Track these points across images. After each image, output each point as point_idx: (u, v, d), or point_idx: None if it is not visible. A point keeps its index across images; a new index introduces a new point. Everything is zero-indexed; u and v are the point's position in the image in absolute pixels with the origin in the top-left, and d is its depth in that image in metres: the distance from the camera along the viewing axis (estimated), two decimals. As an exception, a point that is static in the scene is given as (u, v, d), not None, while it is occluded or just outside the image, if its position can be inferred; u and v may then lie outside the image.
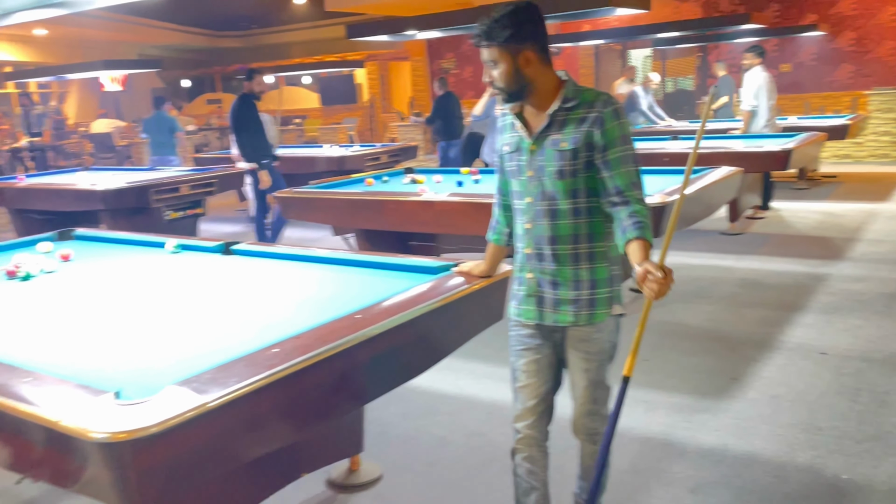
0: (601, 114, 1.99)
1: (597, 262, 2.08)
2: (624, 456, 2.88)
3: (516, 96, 2.07)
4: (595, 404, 2.17)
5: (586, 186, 2.03)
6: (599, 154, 2.00)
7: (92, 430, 1.53)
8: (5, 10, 3.46)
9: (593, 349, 2.11)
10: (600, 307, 2.08)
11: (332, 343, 1.97)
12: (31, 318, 2.55)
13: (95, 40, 16.04)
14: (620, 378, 2.04)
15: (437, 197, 4.64)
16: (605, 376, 2.16)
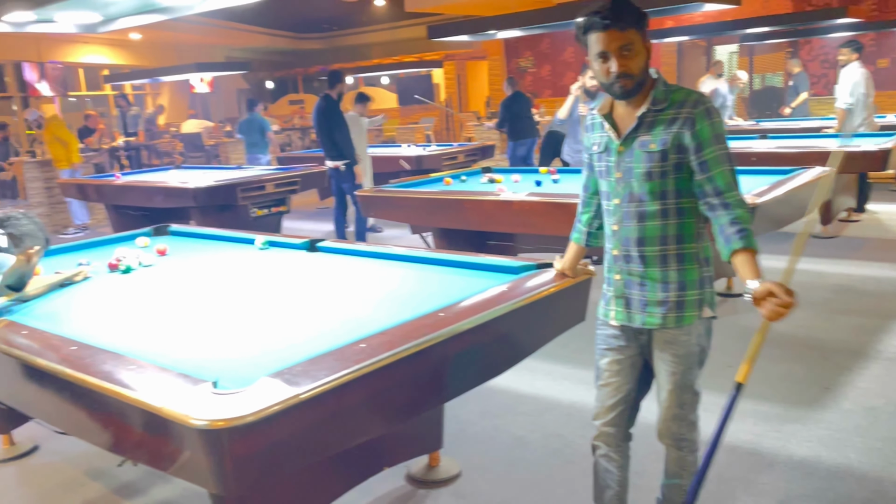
0: (692, 114, 1.94)
1: (686, 264, 2.03)
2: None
3: (640, 87, 1.97)
4: (681, 409, 2.12)
5: (676, 188, 1.99)
6: (693, 156, 1.95)
7: (192, 417, 1.60)
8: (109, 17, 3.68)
9: (681, 352, 2.06)
10: (689, 309, 2.04)
11: (417, 340, 2.00)
12: (133, 309, 2.69)
13: (186, 44, 16.73)
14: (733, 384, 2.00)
15: (515, 196, 4.63)
16: (693, 381, 2.11)
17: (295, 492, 2.27)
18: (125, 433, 1.93)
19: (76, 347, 2.09)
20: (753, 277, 1.88)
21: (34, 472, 3.19)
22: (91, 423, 2.05)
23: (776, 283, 1.85)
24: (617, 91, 1.97)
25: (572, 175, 5.86)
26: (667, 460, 2.23)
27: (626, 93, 1.97)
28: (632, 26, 1.91)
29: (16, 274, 2.67)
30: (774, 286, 1.84)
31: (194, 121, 14.04)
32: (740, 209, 1.94)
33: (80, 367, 1.93)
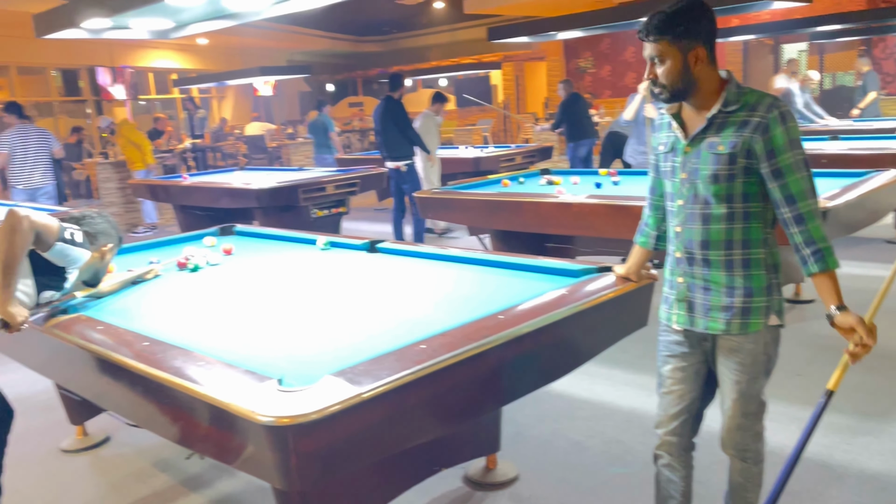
0: (764, 119, 1.88)
1: (753, 269, 1.98)
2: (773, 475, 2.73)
3: (679, 95, 1.99)
4: (745, 419, 2.06)
5: (744, 192, 1.94)
6: (765, 163, 1.89)
7: (259, 414, 1.64)
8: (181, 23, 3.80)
9: (746, 360, 2.01)
10: (755, 316, 1.98)
11: (477, 342, 2.00)
12: (201, 306, 2.77)
13: (250, 48, 17.17)
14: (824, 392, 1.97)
15: (575, 199, 4.59)
16: (759, 390, 2.05)
17: (354, 490, 2.30)
18: (193, 427, 1.99)
19: (148, 343, 2.17)
20: (834, 303, 1.88)
21: (105, 462, 3.32)
22: (161, 417, 2.12)
23: (860, 320, 1.84)
24: (658, 96, 2.01)
25: (633, 177, 5.78)
26: (731, 471, 2.17)
27: (664, 100, 2.01)
28: (663, 37, 1.92)
29: (91, 270, 2.78)
30: (858, 324, 1.84)
31: (257, 123, 14.39)
32: (814, 222, 1.89)
33: (152, 363, 2.00)
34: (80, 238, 2.67)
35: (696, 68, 1.94)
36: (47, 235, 2.51)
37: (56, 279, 2.64)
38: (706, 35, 1.93)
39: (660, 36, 1.92)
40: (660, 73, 1.97)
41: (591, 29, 6.94)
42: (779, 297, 2.02)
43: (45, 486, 3.12)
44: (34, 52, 13.71)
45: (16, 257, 2.39)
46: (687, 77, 1.94)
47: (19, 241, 2.39)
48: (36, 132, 7.63)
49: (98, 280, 2.86)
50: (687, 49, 1.93)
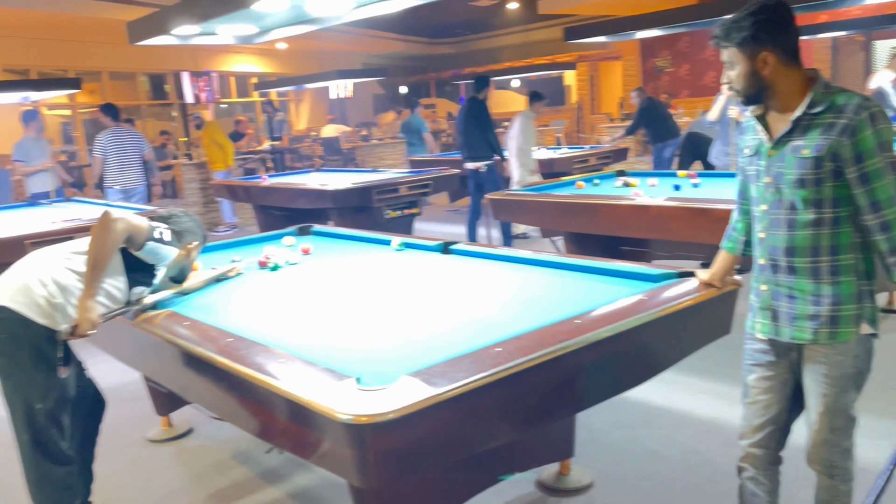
0: (852, 122, 1.80)
1: (842, 276, 1.89)
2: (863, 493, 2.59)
3: (753, 99, 1.98)
4: (833, 434, 1.97)
5: (833, 196, 1.86)
6: (852, 167, 1.81)
7: (338, 412, 1.66)
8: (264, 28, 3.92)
9: (834, 372, 1.92)
10: (844, 325, 1.89)
11: (553, 346, 1.98)
12: (280, 304, 2.84)
13: (327, 51, 17.54)
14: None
15: (653, 201, 4.49)
16: (848, 404, 1.95)
17: (428, 490, 2.31)
18: (273, 422, 2.04)
19: (232, 339, 2.24)
20: None
21: (188, 452, 3.45)
22: (243, 411, 2.18)
23: None
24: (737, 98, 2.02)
25: (714, 179, 5.61)
26: (817, 488, 2.08)
27: (742, 102, 2.01)
28: (730, 44, 1.92)
29: (177, 267, 2.90)
30: None
31: (333, 126, 14.68)
32: None
33: (235, 358, 2.07)
34: (168, 236, 2.78)
35: (766, 72, 1.91)
36: (138, 235, 2.63)
37: (146, 276, 2.76)
38: (775, 38, 1.89)
39: (726, 43, 1.94)
40: (732, 77, 1.97)
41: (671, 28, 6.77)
42: (871, 304, 1.93)
43: (133, 474, 3.27)
44: (125, 57, 14.38)
45: (106, 256, 2.51)
46: (757, 82, 1.93)
47: (110, 241, 2.51)
48: (129, 134, 7.93)
49: (184, 277, 2.97)
50: (753, 54, 1.91)
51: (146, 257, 2.70)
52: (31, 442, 2.48)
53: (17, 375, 2.45)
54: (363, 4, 3.63)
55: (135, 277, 2.71)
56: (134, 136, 7.97)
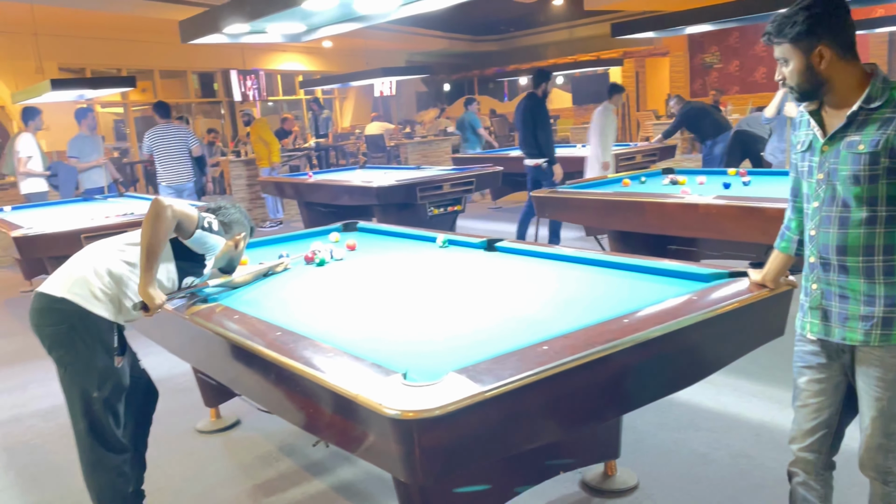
0: None
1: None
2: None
3: (809, 95, 1.93)
4: (888, 439, 1.90)
5: (888, 194, 1.81)
6: None
7: (386, 407, 1.67)
8: (312, 26, 3.96)
9: (889, 376, 1.86)
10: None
11: (601, 346, 1.95)
12: (327, 299, 2.87)
13: (371, 49, 17.66)
14: None
15: (702, 199, 4.41)
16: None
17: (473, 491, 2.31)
18: (321, 415, 2.06)
19: (280, 333, 2.27)
20: None
21: (236, 444, 3.51)
22: (291, 403, 2.21)
23: None
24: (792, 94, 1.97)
25: (765, 177, 5.49)
26: (871, 495, 2.01)
27: (796, 98, 1.96)
28: (782, 40, 1.88)
29: (226, 257, 2.95)
30: None
31: (377, 123, 14.75)
32: None
33: (284, 352, 2.09)
34: (216, 227, 2.82)
35: (823, 67, 1.86)
36: (188, 224, 2.67)
37: (196, 265, 2.81)
38: (831, 32, 1.84)
39: (779, 39, 1.90)
40: (786, 74, 1.93)
41: (721, 23, 6.62)
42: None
43: (184, 464, 3.34)
44: (175, 56, 14.71)
45: (159, 242, 2.55)
46: (813, 77, 1.88)
47: (162, 228, 2.54)
48: (175, 130, 8.08)
49: (233, 268, 3.03)
50: (808, 49, 1.86)
51: (195, 247, 2.74)
52: (88, 430, 2.55)
53: (75, 365, 2.53)
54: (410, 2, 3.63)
55: (184, 268, 2.76)
56: (180, 132, 8.08)
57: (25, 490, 3.18)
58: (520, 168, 10.19)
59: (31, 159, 7.64)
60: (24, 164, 7.61)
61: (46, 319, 2.53)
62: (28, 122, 7.68)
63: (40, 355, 2.61)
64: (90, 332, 2.52)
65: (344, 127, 19.10)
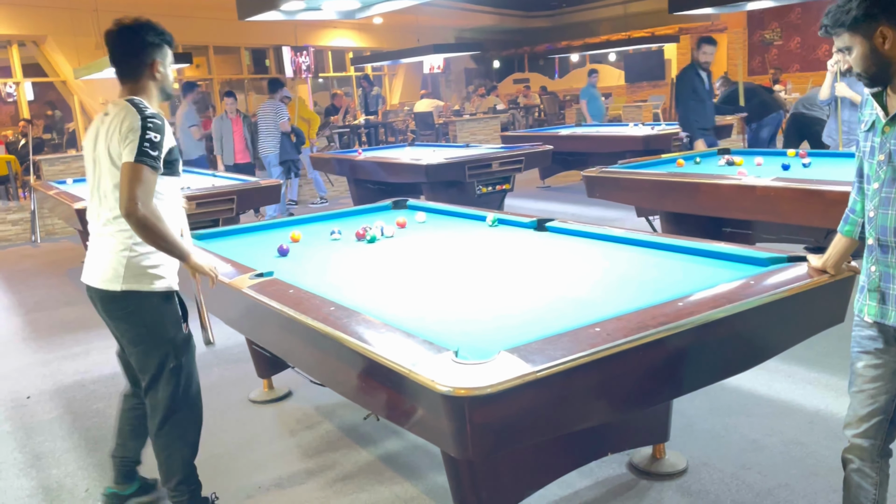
0: None
1: None
2: None
3: (878, 79, 1.87)
4: None
5: None
6: None
7: (438, 383, 1.69)
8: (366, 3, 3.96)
9: None
10: None
11: (655, 329, 1.93)
12: (378, 275, 2.91)
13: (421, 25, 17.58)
14: None
15: (759, 181, 4.29)
16: None
17: (521, 464, 2.33)
18: (373, 389, 2.09)
19: (334, 308, 2.31)
20: None
21: (287, 414, 3.60)
22: (342, 377, 2.25)
23: None
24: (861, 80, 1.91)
25: (826, 159, 5.31)
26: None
27: (866, 84, 1.90)
28: (841, 30, 1.84)
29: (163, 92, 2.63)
30: None
31: (427, 100, 14.75)
32: None
33: (337, 327, 2.13)
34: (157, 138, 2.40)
35: (887, 48, 1.80)
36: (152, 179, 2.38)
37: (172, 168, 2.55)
38: (888, 12, 1.79)
39: (837, 29, 1.85)
40: (852, 62, 1.88)
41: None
42: None
43: (235, 432, 3.44)
44: (229, 32, 14.91)
45: (166, 235, 2.40)
46: (878, 60, 1.82)
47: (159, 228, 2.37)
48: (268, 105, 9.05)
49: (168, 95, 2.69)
50: (869, 33, 1.81)
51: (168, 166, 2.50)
52: (170, 398, 2.59)
53: (148, 343, 2.56)
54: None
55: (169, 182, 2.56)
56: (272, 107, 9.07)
57: (87, 452, 3.32)
58: (568, 146, 10.06)
59: (194, 128, 8.58)
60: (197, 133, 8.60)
61: (109, 309, 2.57)
62: (187, 94, 8.73)
63: (101, 324, 2.70)
64: (155, 309, 2.55)
65: (393, 104, 19.13)
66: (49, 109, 14.68)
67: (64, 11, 12.34)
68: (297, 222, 4.19)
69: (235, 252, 3.36)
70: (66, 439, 3.47)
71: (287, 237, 3.62)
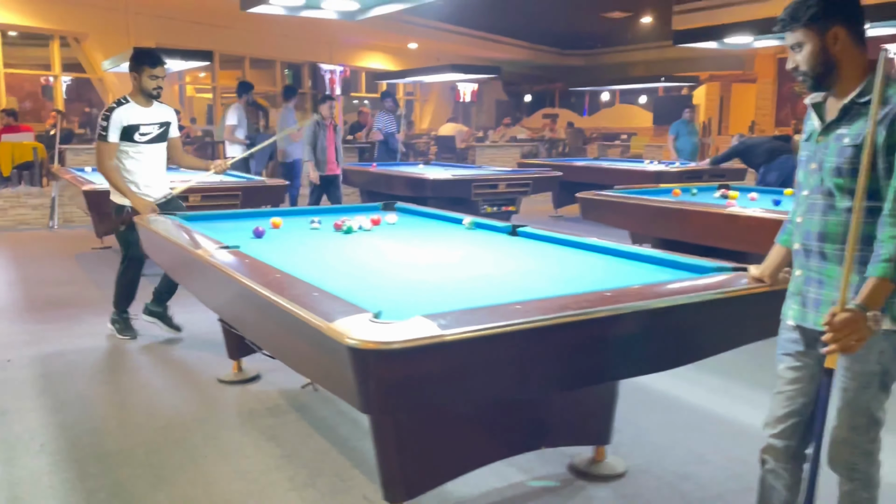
0: (892, 112, 1.75)
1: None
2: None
3: (821, 81, 1.91)
4: (853, 433, 1.87)
5: (869, 188, 1.80)
6: (883, 159, 1.77)
7: (348, 336, 1.75)
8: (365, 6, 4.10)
9: (855, 367, 1.83)
10: None
11: (573, 311, 1.98)
12: (341, 258, 3.00)
13: (454, 54, 17.89)
14: None
15: (743, 211, 4.33)
16: (870, 404, 1.85)
17: (449, 445, 2.37)
18: (300, 350, 2.16)
19: (280, 275, 2.39)
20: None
21: (250, 395, 3.67)
22: (278, 340, 2.33)
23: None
24: (802, 84, 1.95)
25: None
26: (839, 493, 1.96)
27: (808, 88, 1.94)
28: (797, 24, 1.87)
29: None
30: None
31: (450, 124, 14.94)
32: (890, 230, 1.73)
33: (274, 289, 2.20)
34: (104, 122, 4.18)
35: (836, 49, 1.86)
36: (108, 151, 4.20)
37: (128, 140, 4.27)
38: (846, 14, 1.86)
39: (793, 24, 1.90)
40: (799, 60, 1.92)
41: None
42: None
43: (198, 407, 3.52)
44: (266, 45, 15.32)
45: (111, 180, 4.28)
46: (827, 60, 1.87)
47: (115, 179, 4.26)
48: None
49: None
50: (823, 30, 1.86)
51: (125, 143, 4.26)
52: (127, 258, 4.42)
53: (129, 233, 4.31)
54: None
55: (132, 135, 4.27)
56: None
57: (52, 412, 3.42)
58: (583, 177, 10.07)
59: (237, 128, 8.61)
60: (229, 132, 8.65)
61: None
62: (242, 94, 8.84)
63: (93, 303, 2.82)
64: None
65: (422, 128, 19.37)
66: (87, 106, 15.13)
67: (105, 11, 12.82)
68: (285, 213, 4.31)
69: (217, 231, 3.48)
70: (34, 399, 3.57)
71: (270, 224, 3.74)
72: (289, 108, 8.97)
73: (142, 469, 2.86)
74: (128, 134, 4.17)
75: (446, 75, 9.72)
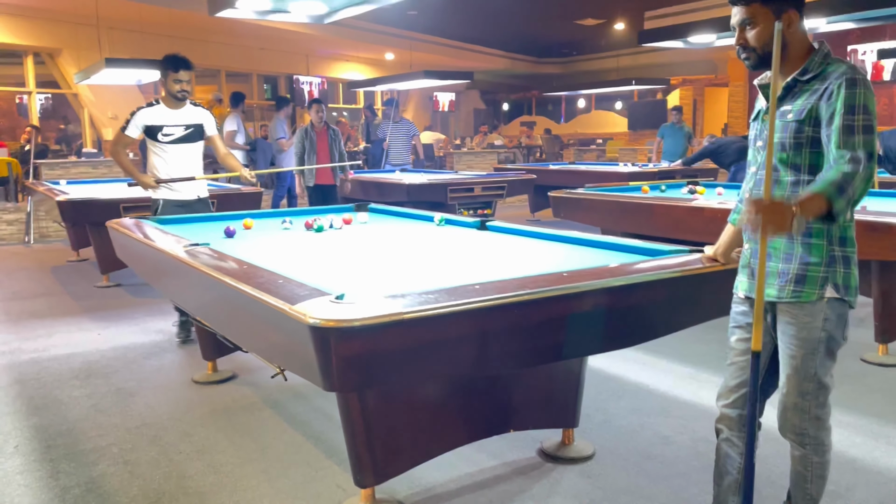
0: (832, 86, 1.83)
1: (813, 238, 1.90)
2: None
3: (767, 59, 1.94)
4: (802, 399, 1.94)
5: (810, 163, 1.89)
6: (825, 129, 1.84)
7: (309, 315, 1.81)
8: (333, 8, 4.16)
9: (801, 334, 1.91)
10: (810, 286, 1.89)
11: (530, 290, 2.05)
12: (309, 253, 3.05)
13: (432, 64, 17.98)
14: None
15: (707, 203, 4.42)
16: (816, 369, 1.92)
17: (418, 428, 2.42)
18: (264, 334, 2.21)
19: (247, 266, 2.44)
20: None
21: (224, 394, 3.69)
22: (247, 329, 2.37)
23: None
24: (745, 64, 1.98)
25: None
26: (791, 460, 2.04)
27: (751, 65, 1.97)
28: (758, 1, 1.89)
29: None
30: None
31: (428, 133, 15.05)
32: (848, 166, 1.74)
33: (240, 279, 2.26)
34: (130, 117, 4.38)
35: (789, 31, 1.91)
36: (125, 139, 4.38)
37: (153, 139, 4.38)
38: None
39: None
40: (750, 37, 1.95)
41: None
42: (844, 270, 1.90)
43: (173, 407, 3.53)
44: (242, 58, 15.34)
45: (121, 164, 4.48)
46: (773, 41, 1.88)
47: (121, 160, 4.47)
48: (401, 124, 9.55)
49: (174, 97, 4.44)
50: (779, 11, 1.90)
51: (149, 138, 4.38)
52: None
53: None
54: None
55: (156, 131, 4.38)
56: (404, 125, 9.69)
57: (26, 416, 3.42)
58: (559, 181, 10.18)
59: (237, 134, 8.80)
60: (229, 138, 8.70)
61: None
62: (237, 104, 9.01)
63: (70, 314, 2.84)
64: None
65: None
66: (62, 123, 15.06)
67: (78, 26, 12.79)
68: (258, 215, 4.36)
69: (190, 232, 3.52)
70: (9, 405, 3.58)
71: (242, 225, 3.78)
72: (280, 119, 9.08)
73: (115, 466, 2.88)
74: (151, 133, 4.33)
75: (420, 81, 9.77)
